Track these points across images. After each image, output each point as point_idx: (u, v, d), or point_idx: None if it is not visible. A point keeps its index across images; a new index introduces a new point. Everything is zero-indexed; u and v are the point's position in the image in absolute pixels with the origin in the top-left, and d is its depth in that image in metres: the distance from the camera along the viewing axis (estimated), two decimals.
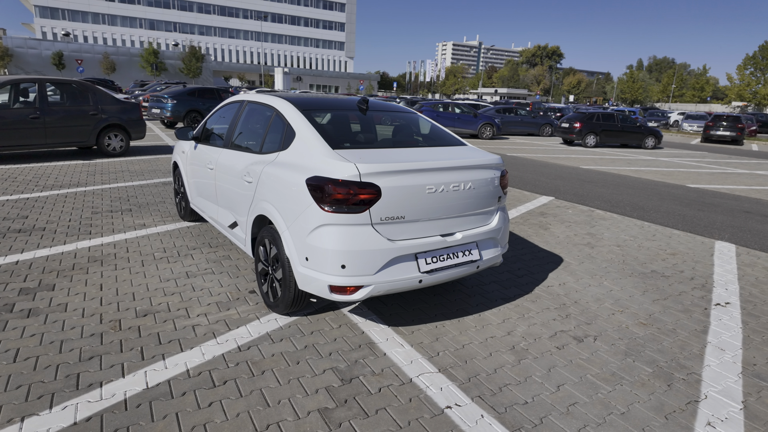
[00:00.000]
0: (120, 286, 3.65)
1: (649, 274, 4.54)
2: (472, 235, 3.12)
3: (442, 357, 2.89)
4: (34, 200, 6.08)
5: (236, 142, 3.92)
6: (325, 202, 2.69)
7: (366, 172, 2.66)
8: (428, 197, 2.86)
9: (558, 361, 2.92)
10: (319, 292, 2.83)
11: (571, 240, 5.52)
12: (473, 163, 3.06)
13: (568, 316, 3.55)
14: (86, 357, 2.69)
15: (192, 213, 5.26)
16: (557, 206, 7.38)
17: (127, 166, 8.90)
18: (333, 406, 2.38)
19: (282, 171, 3.06)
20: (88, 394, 2.38)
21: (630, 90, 74.07)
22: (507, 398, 2.52)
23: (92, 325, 3.04)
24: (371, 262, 2.73)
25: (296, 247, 2.88)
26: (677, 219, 6.92)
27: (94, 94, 9.39)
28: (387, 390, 2.54)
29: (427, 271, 2.91)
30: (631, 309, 3.73)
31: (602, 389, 2.65)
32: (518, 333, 3.24)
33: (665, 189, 9.49)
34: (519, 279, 4.23)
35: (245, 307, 3.42)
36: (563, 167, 11.97)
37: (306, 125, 3.12)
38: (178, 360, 2.71)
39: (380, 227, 2.77)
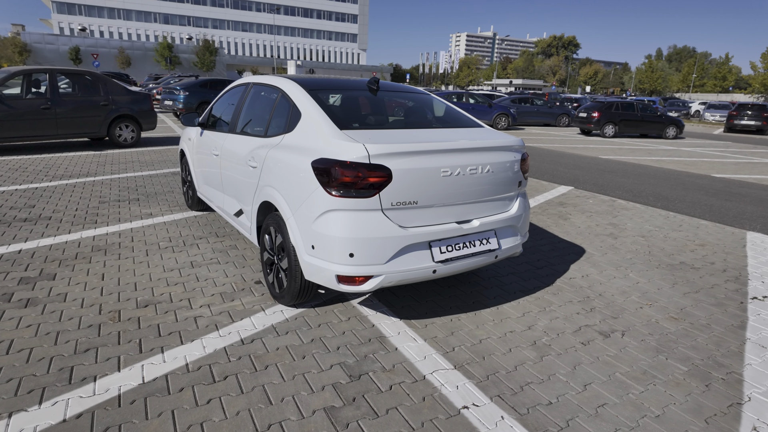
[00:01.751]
0: (122, 275, 3.53)
1: (678, 265, 4.27)
2: (490, 223, 2.91)
3: (458, 353, 2.70)
4: (43, 190, 6.02)
5: (241, 127, 3.75)
6: (332, 186, 2.50)
7: (376, 153, 2.47)
8: (443, 181, 2.65)
9: (583, 357, 2.71)
10: (327, 283, 2.65)
11: (593, 230, 5.27)
12: (492, 144, 2.84)
13: (592, 309, 3.32)
14: (82, 349, 2.56)
15: (199, 202, 5.13)
16: (577, 196, 7.10)
17: (137, 156, 8.83)
18: (340, 405, 2.21)
19: (286, 154, 2.88)
20: (80, 389, 2.24)
21: (649, 80, 72.33)
22: (529, 398, 2.32)
23: (91, 316, 2.91)
24: (381, 251, 2.54)
25: (302, 234, 2.71)
26: (704, 209, 6.59)
27: (105, 84, 9.32)
28: (398, 388, 2.36)
29: (441, 260, 2.71)
30: (660, 302, 3.48)
31: (633, 389, 2.44)
32: (539, 327, 3.03)
33: (689, 179, 9.11)
34: (538, 270, 4.00)
35: (250, 298, 3.26)
36: (581, 157, 11.61)
37: (312, 105, 2.93)
38: (177, 353, 2.57)
39: (391, 213, 2.57)
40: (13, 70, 8.48)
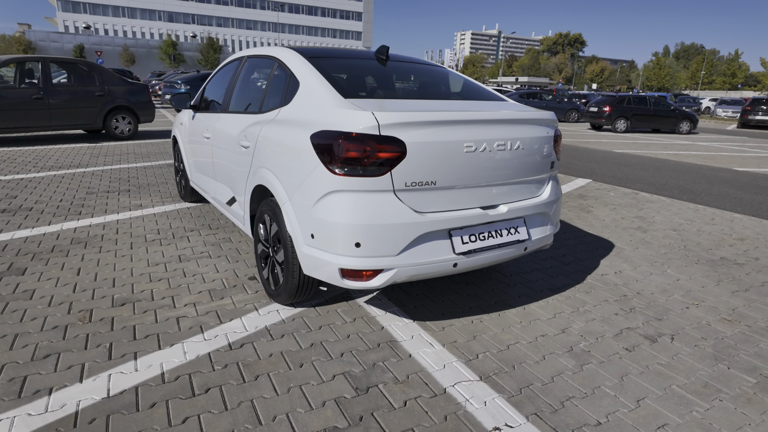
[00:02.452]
0: (100, 270, 3.14)
1: (719, 261, 3.84)
2: (519, 209, 2.50)
3: (483, 360, 2.29)
4: (28, 180, 5.65)
5: (233, 105, 3.36)
6: (335, 163, 2.10)
7: (387, 122, 2.06)
8: (466, 158, 2.24)
9: (631, 366, 2.30)
10: (329, 278, 2.26)
11: (619, 224, 4.84)
12: (523, 117, 2.43)
13: (632, 310, 2.91)
14: (41, 356, 2.18)
15: (193, 192, 4.74)
16: (596, 188, 6.67)
17: (133, 148, 8.47)
18: (344, 426, 1.81)
19: (282, 129, 2.49)
20: (30, 404, 1.85)
21: (656, 77, 71.47)
22: (573, 417, 1.92)
23: (58, 317, 2.53)
24: (393, 240, 2.14)
25: (299, 222, 2.31)
26: (734, 202, 6.14)
27: (100, 74, 8.97)
28: (414, 404, 1.96)
29: (463, 252, 2.30)
30: (707, 302, 3.06)
31: (696, 406, 2.02)
32: (574, 331, 2.62)
33: (711, 172, 8.65)
34: (566, 266, 3.59)
35: (242, 296, 2.87)
36: (595, 151, 11.16)
37: (312, 72, 2.53)
38: (152, 360, 2.18)
39: (405, 195, 2.17)
40: (4, 58, 8.14)
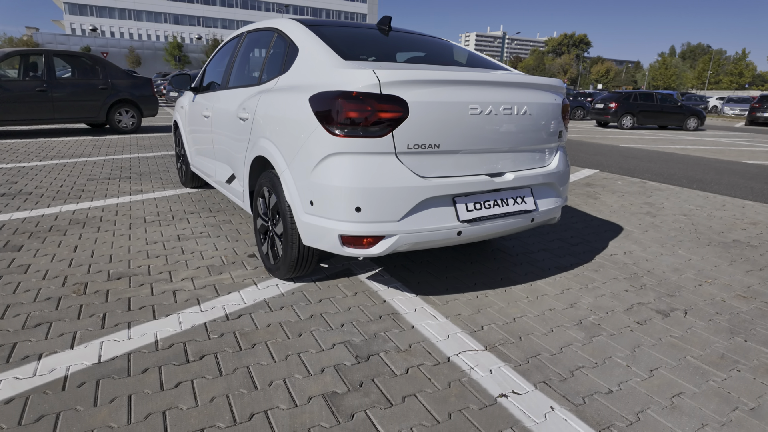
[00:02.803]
0: (97, 248, 3.09)
1: (731, 243, 3.74)
2: (526, 177, 2.42)
3: (488, 332, 2.21)
4: (29, 168, 5.62)
5: (233, 81, 3.30)
6: (334, 124, 2.03)
7: (388, 80, 1.99)
8: (471, 121, 2.16)
9: (643, 339, 2.20)
10: (329, 247, 2.18)
11: (627, 209, 4.74)
12: (529, 80, 2.35)
13: (643, 287, 2.81)
14: (32, 324, 2.11)
15: (194, 178, 4.69)
16: (603, 178, 6.56)
17: (136, 141, 8.45)
18: (343, 391, 1.73)
19: (281, 95, 2.42)
20: (18, 369, 1.79)
21: (662, 77, 71.06)
22: (583, 385, 1.83)
23: (51, 288, 2.47)
24: (395, 205, 2.06)
25: (298, 189, 2.24)
26: (745, 191, 6.02)
27: (104, 67, 8.96)
28: (417, 371, 1.88)
29: (468, 219, 2.22)
30: (721, 280, 2.96)
31: (713, 376, 1.93)
32: (583, 305, 2.53)
33: (720, 165, 8.51)
34: (573, 247, 3.49)
35: (241, 271, 2.80)
36: (601, 145, 11.04)
37: (312, 38, 2.47)
38: (146, 329, 2.11)
39: (407, 158, 2.09)
40: (8, 50, 8.14)
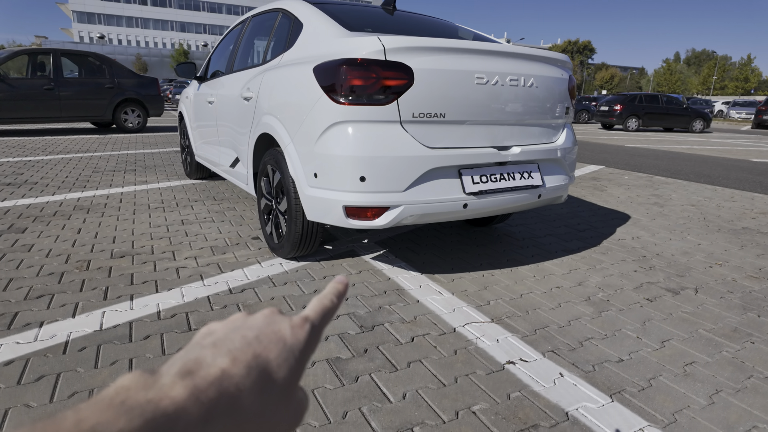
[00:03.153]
0: (101, 230, 3.08)
1: (741, 230, 3.68)
2: (533, 152, 2.39)
3: (495, 306, 2.17)
4: (36, 161, 5.65)
5: (237, 65, 3.30)
6: (339, 92, 2.01)
7: (393, 47, 1.97)
8: (477, 90, 2.14)
9: (653, 314, 2.16)
10: (333, 220, 2.16)
11: (634, 200, 4.69)
12: (535, 53, 2.32)
13: (652, 267, 2.77)
14: (34, 296, 2.10)
15: (198, 170, 4.69)
16: (610, 173, 6.51)
17: (141, 139, 8.49)
18: (348, 357, 1.70)
19: (285, 70, 2.41)
20: (19, 334, 1.77)
21: (667, 82, 70.92)
22: (593, 354, 1.79)
23: (54, 265, 2.46)
24: (399, 174, 2.04)
25: (302, 162, 2.22)
26: (753, 185, 5.95)
27: (110, 67, 9.03)
28: (423, 340, 1.84)
29: (474, 192, 2.19)
30: (731, 263, 2.91)
31: (726, 347, 1.88)
32: (591, 284, 2.49)
33: (728, 162, 8.43)
34: (580, 233, 3.45)
35: (245, 251, 2.78)
36: (607, 145, 10.99)
37: (316, 12, 2.46)
38: (149, 301, 2.09)
39: (412, 127, 2.07)
40: (16, 49, 8.22)
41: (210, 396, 0.24)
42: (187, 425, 0.22)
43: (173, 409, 0.22)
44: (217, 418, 0.23)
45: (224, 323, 0.30)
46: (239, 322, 0.31)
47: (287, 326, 0.30)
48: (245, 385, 0.25)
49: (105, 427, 0.20)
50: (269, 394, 0.26)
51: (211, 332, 0.29)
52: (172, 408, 0.22)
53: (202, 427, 0.23)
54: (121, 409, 0.21)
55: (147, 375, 0.24)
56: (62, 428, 0.19)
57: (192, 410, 0.22)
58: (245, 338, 0.28)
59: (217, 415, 0.23)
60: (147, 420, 0.21)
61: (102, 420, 0.20)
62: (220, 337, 0.28)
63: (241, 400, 0.25)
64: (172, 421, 0.22)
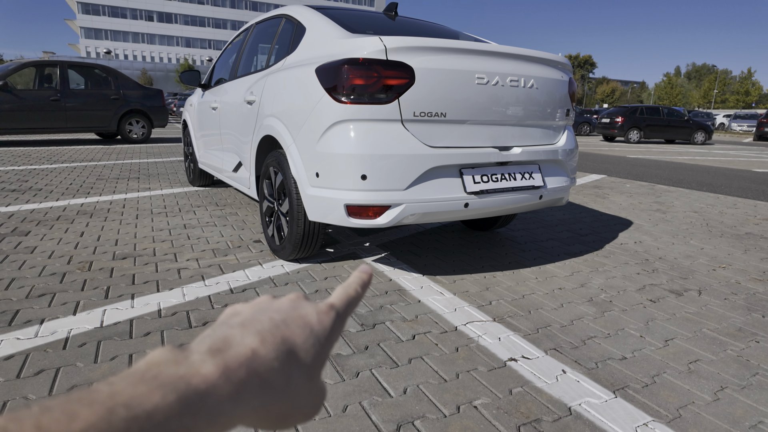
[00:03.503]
0: (104, 233, 3.09)
1: (744, 236, 3.67)
2: (534, 153, 2.40)
3: (497, 306, 2.16)
4: (41, 170, 5.70)
5: (240, 71, 3.34)
6: (341, 91, 2.03)
7: (394, 46, 2.00)
8: (478, 91, 2.16)
9: (656, 314, 2.14)
10: (335, 219, 2.16)
11: (637, 207, 4.68)
12: (536, 54, 2.35)
13: (655, 270, 2.75)
14: (36, 294, 2.10)
15: (201, 176, 4.71)
16: (612, 181, 6.52)
17: (146, 149, 8.56)
18: (348, 353, 1.69)
19: (287, 72, 2.44)
20: (19, 331, 1.77)
21: (668, 96, 71.27)
22: (596, 352, 1.77)
23: (56, 266, 2.46)
24: (401, 172, 2.05)
25: (304, 162, 2.23)
26: (756, 193, 5.94)
27: (116, 78, 9.14)
28: (424, 338, 1.83)
29: (475, 192, 2.20)
30: (735, 266, 2.89)
31: (730, 346, 1.86)
32: (594, 285, 2.48)
33: (730, 172, 8.43)
34: (583, 237, 3.44)
35: (246, 254, 2.78)
36: (608, 156, 11.01)
37: (318, 17, 2.50)
38: (150, 300, 2.09)
39: (413, 126, 2.09)
40: (23, 61, 8.35)
41: (240, 376, 0.24)
42: (218, 403, 0.22)
43: (204, 387, 0.22)
44: (246, 398, 0.24)
45: (250, 305, 0.30)
46: (265, 304, 0.31)
47: (313, 312, 0.30)
48: (274, 367, 0.25)
49: (140, 401, 0.20)
50: (295, 379, 0.26)
51: (237, 312, 0.29)
52: (204, 386, 0.22)
53: (231, 407, 0.23)
54: (154, 383, 0.21)
55: (177, 350, 0.24)
56: (97, 400, 0.19)
57: (222, 389, 0.23)
58: (273, 320, 0.28)
59: (246, 395, 0.24)
60: (180, 396, 0.21)
61: (136, 394, 0.20)
62: (247, 317, 0.28)
63: (269, 382, 0.25)
64: (202, 399, 0.22)
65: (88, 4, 68.48)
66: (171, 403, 0.21)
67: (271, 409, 0.25)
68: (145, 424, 0.19)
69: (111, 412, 0.19)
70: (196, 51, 77.63)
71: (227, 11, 77.03)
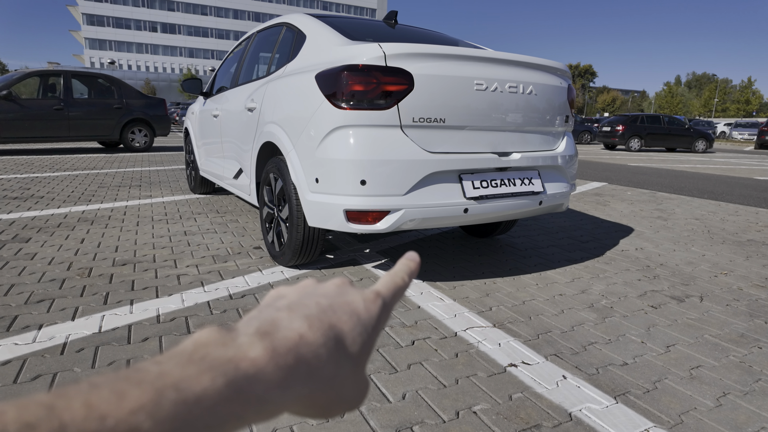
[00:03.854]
0: (104, 240, 3.09)
1: (746, 243, 3.65)
2: (533, 158, 2.40)
3: (497, 312, 2.15)
4: (43, 178, 5.72)
5: (242, 79, 3.36)
6: (340, 97, 2.04)
7: (394, 53, 2.01)
8: (477, 97, 2.17)
9: (657, 320, 2.13)
10: (334, 225, 2.16)
11: (638, 214, 4.67)
12: (534, 61, 2.36)
13: (656, 277, 2.74)
14: (35, 300, 2.10)
15: (202, 184, 4.73)
16: (613, 189, 6.51)
17: (148, 157, 8.59)
18: None
19: (288, 79, 2.45)
20: (17, 336, 1.76)
21: (669, 105, 71.48)
22: (597, 358, 1.76)
23: (56, 272, 2.46)
24: (400, 178, 2.05)
25: (304, 167, 2.24)
26: (758, 200, 5.93)
27: (119, 87, 9.21)
28: (423, 343, 1.82)
29: (474, 197, 2.20)
30: (737, 272, 2.88)
31: (733, 352, 1.85)
32: (595, 291, 2.47)
33: (731, 180, 8.42)
34: (584, 244, 3.43)
35: (246, 260, 2.78)
36: (609, 164, 11.02)
37: (319, 24, 2.52)
38: (149, 305, 2.08)
39: (412, 132, 2.09)
40: (28, 71, 8.43)
41: (289, 361, 0.23)
42: (266, 390, 0.21)
43: (254, 372, 0.21)
44: (294, 385, 0.23)
45: (295, 288, 0.30)
46: (311, 288, 0.30)
47: (360, 300, 0.29)
48: (322, 355, 0.24)
49: (189, 383, 0.19)
50: (342, 368, 0.25)
51: (282, 295, 0.29)
52: (253, 370, 0.21)
53: (279, 393, 0.22)
54: (203, 365, 0.20)
55: (224, 331, 0.23)
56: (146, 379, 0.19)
57: (271, 375, 0.22)
58: (320, 305, 0.27)
59: (295, 382, 0.23)
60: (229, 380, 0.20)
61: (186, 375, 0.19)
62: (293, 300, 0.27)
63: (318, 370, 0.24)
64: (251, 384, 0.21)
65: (93, 16, 69.25)
66: (220, 387, 0.20)
67: (317, 398, 0.24)
68: (194, 409, 0.19)
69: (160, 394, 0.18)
70: (199, 61, 78.29)
71: (230, 22, 77.80)
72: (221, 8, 76.61)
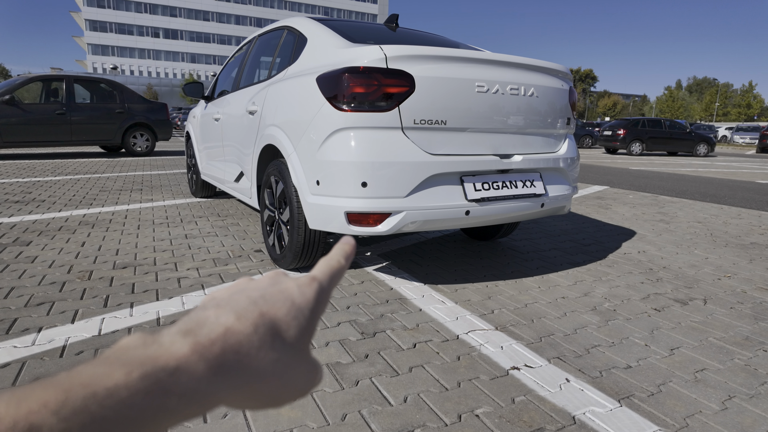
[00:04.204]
0: (105, 243, 3.09)
1: (749, 245, 3.63)
2: (535, 160, 2.39)
3: (499, 315, 2.14)
4: (45, 182, 5.73)
5: (243, 83, 3.37)
6: (341, 100, 2.04)
7: (395, 55, 2.01)
8: (478, 99, 2.17)
9: (661, 323, 2.11)
10: (335, 227, 2.15)
11: (640, 217, 4.66)
12: (535, 63, 2.36)
13: (659, 279, 2.72)
14: (35, 303, 2.09)
15: (204, 188, 4.73)
16: (614, 192, 6.50)
17: (149, 161, 8.61)
18: (348, 361, 1.67)
19: (289, 82, 2.45)
20: (17, 339, 1.75)
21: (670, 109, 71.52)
22: (600, 361, 1.74)
23: (56, 275, 2.46)
24: (401, 180, 2.04)
25: (305, 170, 2.23)
26: (761, 204, 5.90)
27: (121, 92, 9.24)
28: (425, 346, 1.81)
29: (476, 199, 2.19)
30: (741, 275, 2.86)
31: (738, 355, 1.83)
32: (598, 294, 2.45)
33: (733, 183, 8.40)
34: (586, 247, 3.42)
35: (247, 263, 2.77)
36: (611, 168, 11.01)
37: (320, 27, 2.52)
38: (148, 308, 2.07)
39: (414, 134, 2.09)
40: (30, 76, 8.46)
41: (215, 352, 0.23)
42: (191, 381, 0.21)
43: (174, 364, 0.21)
44: (226, 373, 0.23)
45: (227, 287, 0.30)
46: (243, 285, 0.30)
47: (294, 285, 0.29)
48: (253, 342, 0.25)
49: (100, 379, 0.19)
50: (281, 353, 0.26)
51: (214, 298, 0.29)
52: (174, 363, 0.21)
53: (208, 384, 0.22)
54: (117, 363, 0.20)
55: (147, 335, 0.23)
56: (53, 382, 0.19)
57: (196, 366, 0.22)
58: (250, 298, 0.27)
59: (226, 371, 0.23)
60: (146, 373, 0.20)
61: (98, 372, 0.20)
62: (224, 298, 0.28)
63: (250, 358, 0.24)
64: (173, 376, 0.21)
65: (96, 21, 69.65)
66: (135, 380, 0.20)
67: (258, 388, 0.24)
68: (106, 401, 0.19)
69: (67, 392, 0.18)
70: (201, 66, 78.64)
71: (232, 27, 78.18)
72: (223, 14, 77.04)
